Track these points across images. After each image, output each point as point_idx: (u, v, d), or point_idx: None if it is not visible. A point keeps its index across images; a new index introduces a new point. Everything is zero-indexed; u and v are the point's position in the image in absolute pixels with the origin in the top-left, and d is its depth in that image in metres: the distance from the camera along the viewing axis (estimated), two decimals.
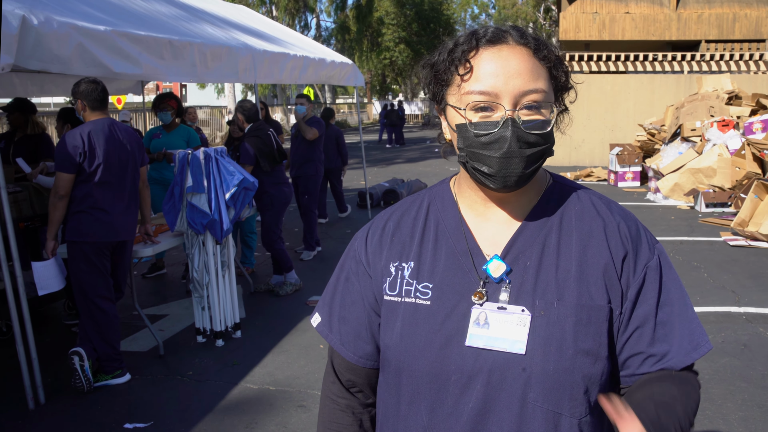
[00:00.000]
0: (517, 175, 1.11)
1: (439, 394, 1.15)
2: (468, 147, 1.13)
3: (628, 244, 1.17)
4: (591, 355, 1.11)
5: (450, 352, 1.14)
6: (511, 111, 1.08)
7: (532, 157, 1.11)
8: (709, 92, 12.54)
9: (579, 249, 1.16)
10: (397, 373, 1.20)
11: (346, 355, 1.30)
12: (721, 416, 3.67)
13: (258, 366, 4.57)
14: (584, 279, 1.14)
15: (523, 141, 1.09)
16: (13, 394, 4.12)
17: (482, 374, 1.11)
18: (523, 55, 1.11)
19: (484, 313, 1.14)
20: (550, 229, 1.19)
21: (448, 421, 1.14)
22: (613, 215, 1.20)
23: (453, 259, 1.20)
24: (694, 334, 1.17)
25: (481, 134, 1.10)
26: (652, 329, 1.16)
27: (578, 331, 1.11)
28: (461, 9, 51.88)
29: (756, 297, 5.76)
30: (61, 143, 4.04)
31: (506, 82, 1.08)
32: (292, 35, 9.03)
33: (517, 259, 1.17)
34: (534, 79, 1.10)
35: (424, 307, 1.18)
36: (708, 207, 9.93)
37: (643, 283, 1.16)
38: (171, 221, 4.80)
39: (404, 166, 17.58)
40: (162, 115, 6.43)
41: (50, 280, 4.14)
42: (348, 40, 38.64)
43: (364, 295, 1.27)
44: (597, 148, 16.30)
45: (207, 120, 24.49)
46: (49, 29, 3.80)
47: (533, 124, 1.10)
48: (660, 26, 21.88)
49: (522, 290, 1.14)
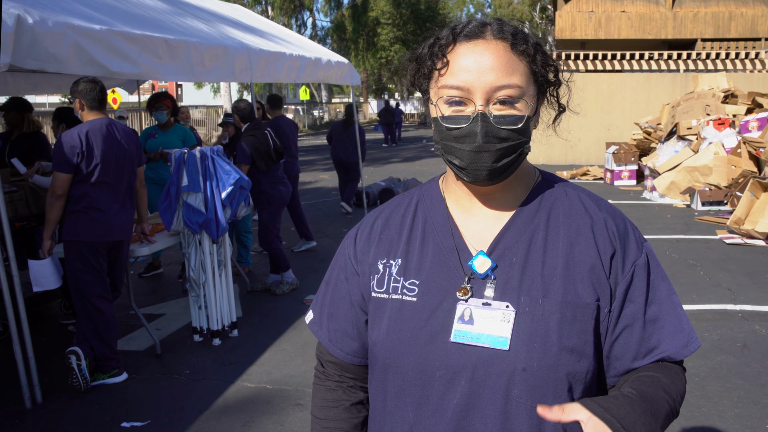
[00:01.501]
0: (488, 168, 1.11)
1: (424, 390, 1.15)
2: (442, 140, 1.15)
3: (617, 242, 1.17)
4: (575, 352, 1.11)
5: (435, 348, 1.14)
6: (482, 106, 1.09)
7: (503, 152, 1.11)
8: (705, 91, 12.57)
9: (566, 246, 1.16)
10: (384, 369, 1.21)
11: (333, 351, 1.32)
12: (717, 413, 3.68)
13: (255, 365, 4.57)
14: (570, 276, 1.14)
15: (492, 135, 1.10)
16: (10, 393, 4.12)
17: (466, 370, 1.12)
18: (498, 50, 1.11)
19: (469, 309, 1.14)
20: (537, 226, 1.18)
21: (434, 417, 1.15)
22: (601, 212, 1.20)
23: (439, 255, 1.20)
24: (683, 332, 1.18)
25: (452, 128, 1.12)
26: (641, 327, 1.16)
27: (563, 328, 1.11)
28: (457, 8, 51.97)
29: (752, 295, 5.78)
30: (58, 143, 4.03)
31: (478, 77, 1.09)
32: (289, 34, 9.03)
33: (503, 255, 1.17)
34: (508, 74, 1.10)
35: (410, 303, 1.18)
36: (704, 205, 9.95)
37: (631, 282, 1.16)
38: (167, 221, 4.80)
39: (401, 165, 17.59)
40: (157, 115, 6.42)
41: (46, 278, 4.13)
42: (344, 39, 38.65)
43: (351, 292, 1.29)
44: (593, 146, 16.32)
45: (203, 120, 24.46)
46: (44, 28, 3.79)
47: (506, 119, 1.10)
48: (656, 25, 21.94)
49: (507, 286, 1.15)
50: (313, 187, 13.68)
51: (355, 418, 1.33)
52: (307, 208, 11.00)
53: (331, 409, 1.33)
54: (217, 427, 3.71)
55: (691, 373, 4.16)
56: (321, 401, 1.34)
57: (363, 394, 1.34)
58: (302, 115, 36.55)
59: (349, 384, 1.34)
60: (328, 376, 1.35)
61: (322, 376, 1.36)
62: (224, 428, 3.70)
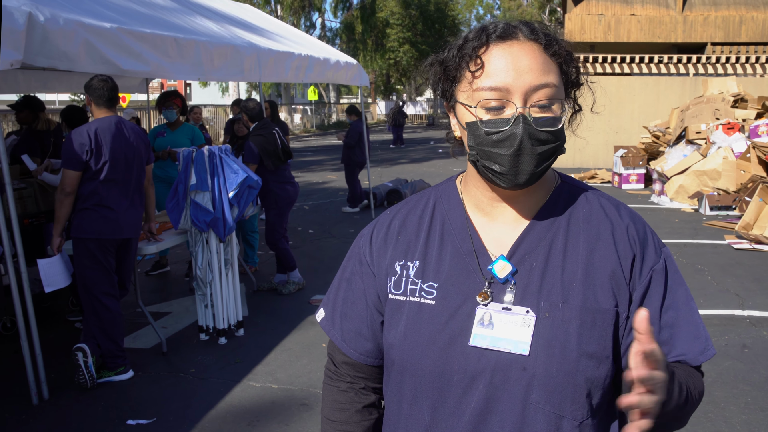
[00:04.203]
0: (529, 173, 1.10)
1: (441, 393, 1.14)
2: (479, 145, 1.12)
3: (636, 248, 1.16)
4: (595, 358, 1.10)
5: (453, 351, 1.13)
6: (522, 108, 1.07)
7: (543, 155, 1.10)
8: (715, 95, 12.51)
9: (586, 251, 1.15)
10: (400, 372, 1.20)
11: (347, 351, 1.30)
12: (724, 419, 3.66)
13: (260, 364, 4.58)
14: (590, 282, 1.13)
15: (534, 138, 1.08)
16: (17, 389, 4.14)
17: (485, 374, 1.11)
18: (533, 50, 1.10)
19: (489, 313, 1.13)
20: (557, 231, 1.17)
21: (450, 420, 1.14)
22: (621, 218, 1.19)
23: (458, 258, 1.19)
24: (700, 338, 1.16)
25: (492, 132, 1.09)
26: (657, 332, 1.15)
27: (582, 333, 1.10)
28: (466, 10, 51.92)
29: (760, 300, 5.75)
30: (68, 141, 4.05)
31: (517, 78, 1.07)
32: (297, 34, 9.04)
33: (523, 260, 1.16)
34: (545, 73, 1.09)
35: (428, 306, 1.17)
36: (712, 210, 9.90)
37: (648, 286, 1.15)
38: (175, 219, 4.81)
39: (408, 166, 17.58)
40: (167, 113, 6.44)
41: (56, 277, 4.15)
42: (353, 40, 38.68)
43: (367, 293, 1.27)
44: (601, 150, 16.28)
45: (212, 119, 24.52)
46: (55, 26, 3.81)
47: (544, 120, 1.09)
48: (666, 28, 21.86)
49: (527, 291, 1.14)
50: (321, 188, 13.69)
51: (367, 421, 1.32)
52: (314, 209, 11.03)
53: (344, 412, 1.32)
54: (223, 426, 3.72)
55: None
56: (333, 403, 1.33)
57: (375, 396, 1.34)
58: (310, 115, 36.59)
59: (361, 386, 1.33)
60: (341, 377, 1.34)
61: (334, 376, 1.35)
62: (229, 427, 3.71)
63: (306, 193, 12.55)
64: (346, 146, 10.32)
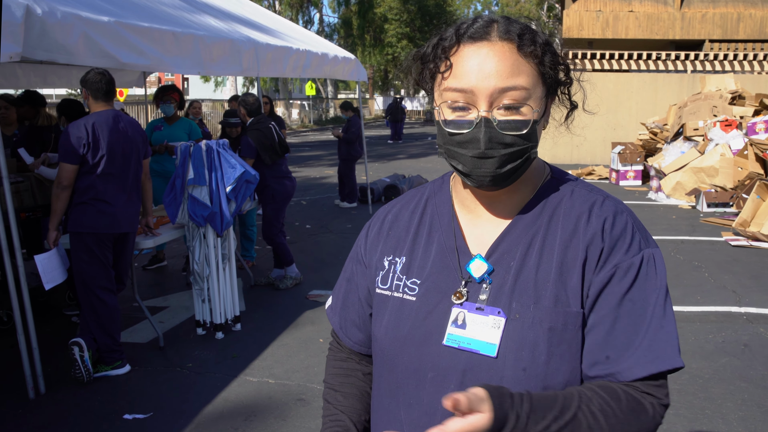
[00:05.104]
0: (491, 175, 1.08)
1: (416, 390, 1.15)
2: (445, 144, 1.12)
3: (606, 240, 1.10)
4: (565, 361, 1.08)
5: (428, 349, 1.14)
6: (486, 111, 1.06)
7: (507, 157, 1.08)
8: (713, 92, 12.52)
9: (561, 249, 1.11)
10: (382, 365, 1.22)
11: (342, 339, 1.36)
12: (721, 416, 3.67)
13: (257, 359, 4.57)
14: (563, 281, 1.09)
15: (496, 141, 1.07)
16: (13, 383, 4.13)
17: (456, 374, 1.11)
18: (503, 52, 1.06)
19: (463, 313, 1.13)
20: (538, 229, 1.14)
21: (423, 418, 1.14)
22: (602, 210, 1.13)
23: (441, 256, 1.19)
24: (657, 344, 1.06)
25: (454, 133, 1.09)
26: (606, 332, 1.08)
27: (552, 336, 1.07)
28: (464, 5, 51.80)
29: (757, 297, 5.76)
30: (65, 134, 4.04)
31: (482, 80, 1.05)
32: (295, 29, 9.02)
33: (501, 259, 1.14)
34: (513, 76, 1.05)
35: (409, 302, 1.18)
36: (709, 207, 9.92)
37: (607, 283, 1.08)
38: (172, 213, 4.80)
39: (406, 161, 17.57)
40: (164, 107, 6.42)
41: (54, 272, 4.14)
42: (351, 35, 38.61)
43: (359, 285, 1.31)
44: (599, 146, 16.28)
45: (209, 113, 24.47)
46: (53, 19, 3.79)
47: (509, 123, 1.07)
48: (664, 25, 21.85)
49: (501, 292, 1.12)
50: (318, 183, 13.68)
51: (363, 383, 1.35)
52: (311, 204, 11.03)
53: (346, 376, 1.35)
54: (219, 421, 3.72)
55: (694, 375, 4.15)
56: (334, 368, 1.37)
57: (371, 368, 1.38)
58: (308, 110, 36.53)
59: (360, 358, 1.37)
60: (342, 349, 1.39)
61: (336, 348, 1.40)
62: (226, 422, 3.71)
63: (303, 188, 12.54)
64: (347, 142, 10.29)
